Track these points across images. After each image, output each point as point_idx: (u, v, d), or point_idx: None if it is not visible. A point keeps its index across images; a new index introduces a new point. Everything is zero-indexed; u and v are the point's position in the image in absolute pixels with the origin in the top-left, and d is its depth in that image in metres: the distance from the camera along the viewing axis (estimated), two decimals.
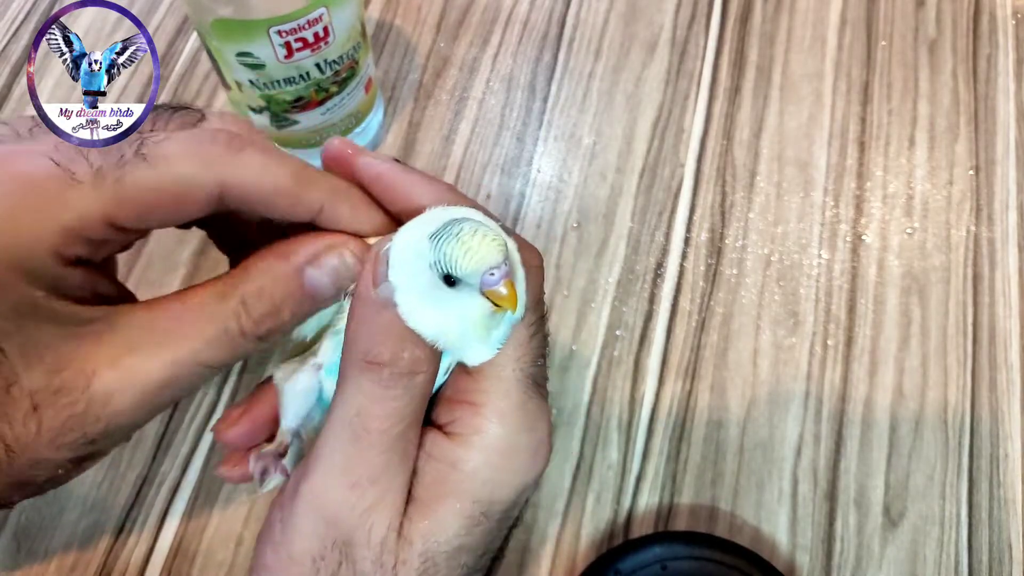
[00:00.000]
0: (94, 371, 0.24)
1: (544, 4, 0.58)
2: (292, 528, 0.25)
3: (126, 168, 0.24)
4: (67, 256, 0.24)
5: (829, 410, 0.45)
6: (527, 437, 0.26)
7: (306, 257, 0.26)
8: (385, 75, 0.55)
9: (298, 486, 0.25)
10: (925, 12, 0.58)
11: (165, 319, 0.25)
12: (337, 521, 0.24)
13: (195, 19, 0.41)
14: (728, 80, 0.55)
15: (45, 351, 0.23)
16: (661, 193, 0.51)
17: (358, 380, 0.24)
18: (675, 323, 0.47)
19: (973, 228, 0.50)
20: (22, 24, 0.57)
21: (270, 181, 0.25)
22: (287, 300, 0.25)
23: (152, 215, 0.25)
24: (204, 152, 0.25)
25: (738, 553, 0.40)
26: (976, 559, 0.42)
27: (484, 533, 0.26)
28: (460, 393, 0.26)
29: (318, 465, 0.25)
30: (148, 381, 0.24)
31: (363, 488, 0.24)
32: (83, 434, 0.24)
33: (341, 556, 0.24)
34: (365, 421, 0.24)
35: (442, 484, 0.25)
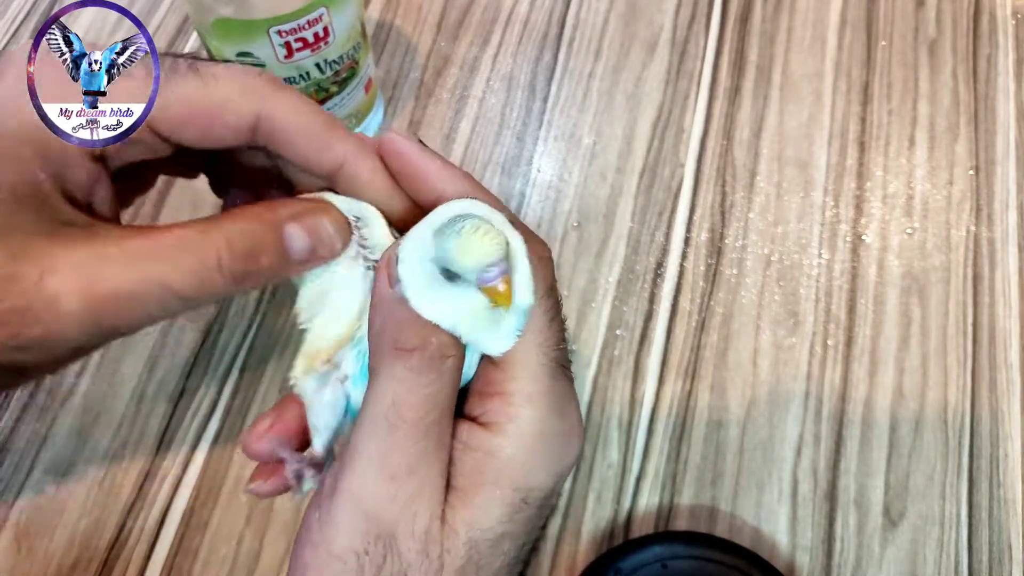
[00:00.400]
0: (53, 268, 0.23)
1: (544, 4, 0.58)
2: (332, 526, 0.24)
3: (176, 76, 0.25)
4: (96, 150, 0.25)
5: (829, 410, 0.45)
6: (559, 421, 0.26)
7: (289, 213, 0.26)
8: (385, 75, 0.55)
9: (336, 483, 0.25)
10: (925, 12, 0.58)
11: (143, 240, 0.25)
12: (379, 514, 0.24)
13: (195, 19, 0.41)
14: (728, 80, 0.55)
15: (16, 235, 0.23)
16: (661, 193, 0.51)
17: (390, 370, 0.24)
18: (675, 323, 0.47)
19: (973, 228, 0.50)
20: (22, 24, 0.57)
21: (304, 122, 0.26)
22: (267, 248, 0.26)
23: (188, 126, 0.25)
24: (250, 82, 0.26)
25: (738, 553, 0.40)
26: (976, 559, 0.42)
27: (525, 520, 0.26)
28: (489, 385, 0.26)
29: (355, 460, 0.25)
30: (104, 292, 0.24)
31: (402, 479, 0.24)
32: (16, 334, 0.23)
33: (385, 549, 0.24)
34: (400, 410, 0.24)
35: (481, 472, 0.25)
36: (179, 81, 0.25)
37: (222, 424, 0.44)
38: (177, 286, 0.25)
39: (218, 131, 0.26)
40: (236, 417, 0.44)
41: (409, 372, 0.24)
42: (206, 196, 0.50)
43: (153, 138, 0.26)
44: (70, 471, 0.43)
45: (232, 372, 0.46)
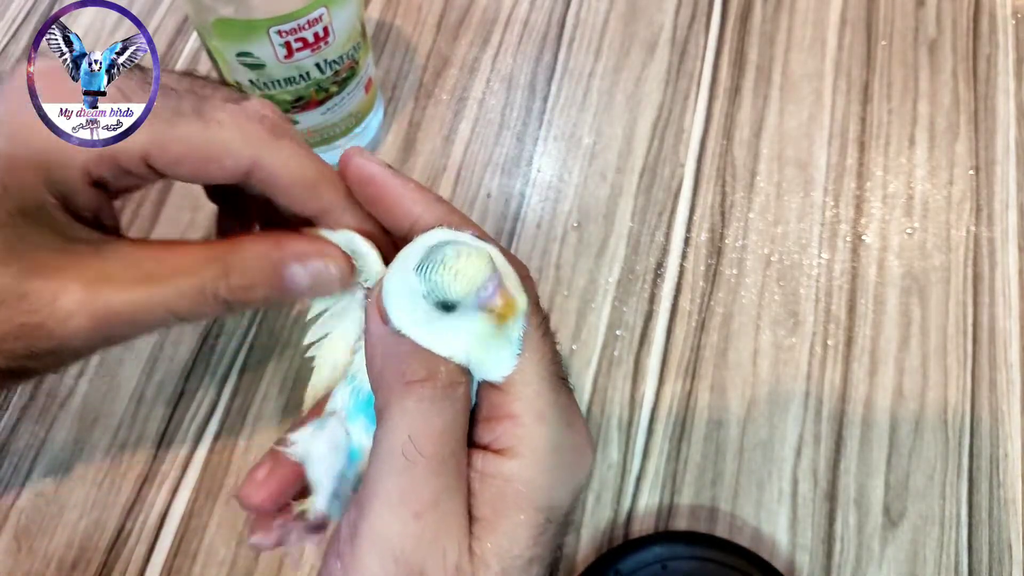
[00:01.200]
0: (64, 287, 0.25)
1: (544, 4, 0.58)
2: (357, 572, 0.23)
3: (179, 118, 0.26)
4: (93, 175, 0.26)
5: (829, 410, 0.45)
6: (570, 434, 0.26)
7: (295, 253, 0.27)
8: (385, 75, 0.55)
9: (356, 529, 0.24)
10: (925, 12, 0.58)
11: (149, 260, 0.27)
12: (407, 555, 0.23)
13: (195, 19, 0.41)
14: (728, 80, 0.55)
15: (28, 253, 0.25)
16: (661, 193, 0.51)
17: (401, 404, 0.24)
18: (675, 323, 0.47)
19: (973, 228, 0.50)
20: (22, 24, 0.57)
21: (297, 173, 0.27)
22: (264, 282, 0.27)
23: (183, 165, 0.26)
24: (251, 130, 0.27)
25: (738, 553, 0.40)
26: (976, 559, 0.42)
27: (549, 540, 0.25)
28: (495, 409, 0.25)
29: (374, 501, 0.24)
30: (111, 311, 0.26)
31: (426, 515, 0.23)
32: (28, 346, 0.25)
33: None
34: (417, 444, 0.24)
35: (503, 500, 0.25)
36: (181, 123, 0.26)
37: (221, 426, 0.44)
38: (176, 308, 0.26)
39: (213, 172, 0.27)
40: (236, 418, 0.44)
41: (421, 404, 0.24)
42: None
43: (148, 172, 0.27)
44: (70, 472, 0.43)
45: (231, 374, 0.46)
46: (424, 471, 0.24)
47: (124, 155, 0.26)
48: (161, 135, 0.26)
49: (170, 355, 0.46)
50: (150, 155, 0.26)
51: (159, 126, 0.26)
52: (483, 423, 0.26)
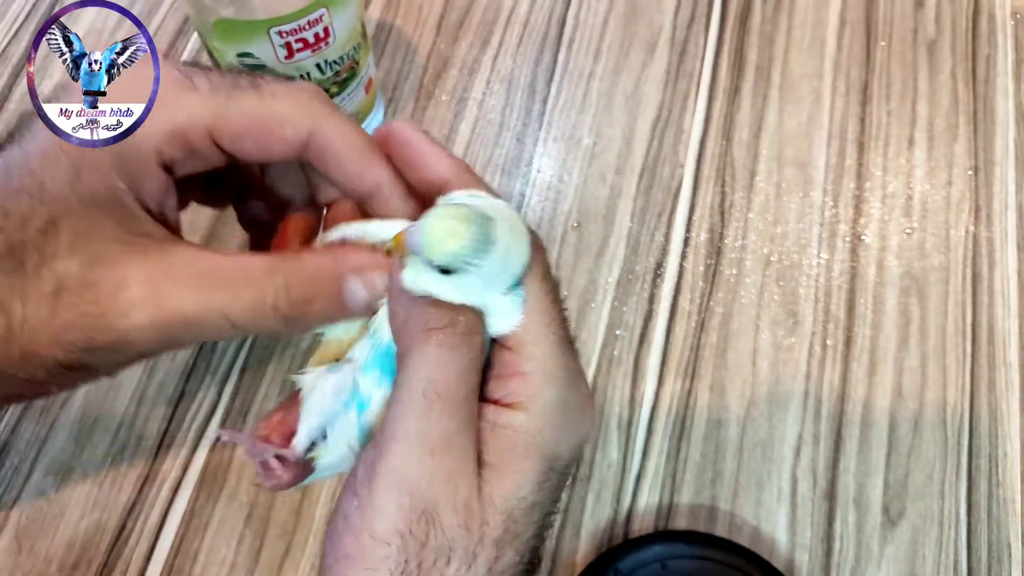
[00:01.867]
0: (128, 280, 0.25)
1: (544, 5, 0.58)
2: (374, 509, 0.25)
3: (238, 91, 0.27)
4: (164, 156, 0.27)
5: (828, 410, 0.45)
6: (575, 394, 0.28)
7: (353, 266, 0.27)
8: (385, 76, 0.55)
9: (373, 468, 0.25)
10: (924, 12, 0.58)
11: (212, 266, 0.27)
12: (421, 491, 0.25)
13: (196, 20, 0.41)
14: (727, 80, 0.55)
15: (93, 242, 0.25)
16: (661, 193, 0.51)
17: (423, 350, 0.25)
18: (675, 323, 0.47)
19: (972, 228, 0.50)
20: (22, 25, 0.57)
21: (351, 144, 0.28)
22: (322, 297, 0.27)
23: (246, 138, 0.27)
24: (305, 100, 0.28)
25: (738, 552, 0.40)
26: (975, 558, 0.42)
27: (551, 488, 0.27)
28: (507, 367, 0.27)
29: (393, 441, 0.25)
30: (172, 311, 0.26)
31: (441, 454, 0.25)
32: (88, 338, 0.25)
33: (428, 525, 0.25)
34: (436, 387, 0.25)
35: (511, 447, 0.26)
36: (240, 96, 0.27)
37: (222, 426, 0.44)
38: (235, 317, 0.27)
39: (274, 145, 0.27)
40: (236, 419, 0.44)
41: (441, 349, 0.25)
42: None
43: (213, 149, 0.27)
44: (71, 472, 0.43)
45: (232, 374, 0.46)
46: (440, 412, 0.25)
47: (192, 131, 0.26)
48: (224, 108, 0.26)
49: (171, 355, 0.46)
50: (215, 129, 0.27)
51: (220, 100, 0.26)
52: (495, 380, 0.27)
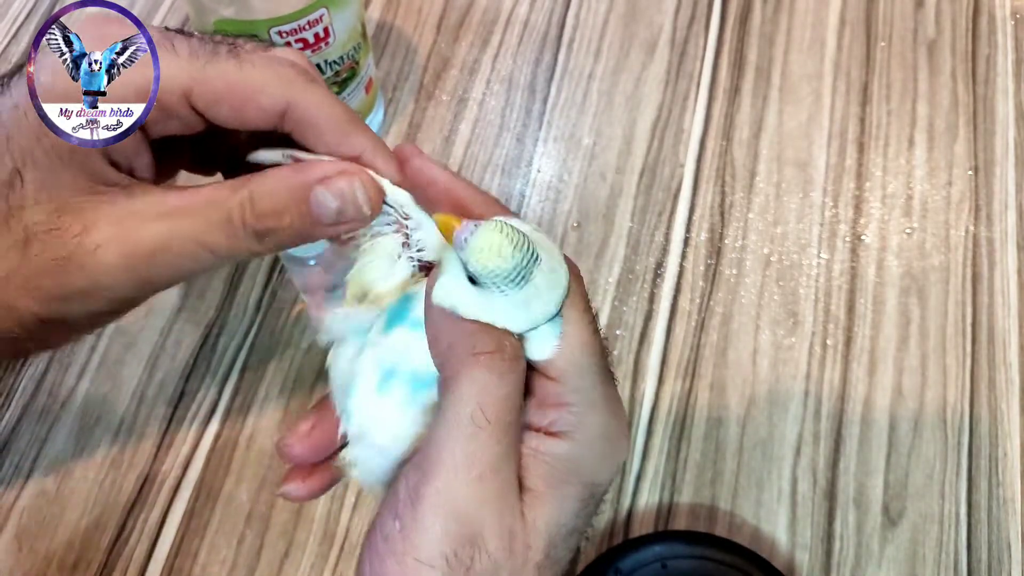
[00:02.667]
0: (94, 222, 0.26)
1: (544, 5, 0.58)
2: (419, 532, 0.25)
3: (217, 57, 0.27)
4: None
5: (828, 409, 0.45)
6: (615, 423, 0.28)
7: (318, 175, 0.27)
8: (386, 76, 0.55)
9: (418, 490, 0.25)
10: (924, 13, 0.58)
11: (176, 197, 0.27)
12: (468, 515, 0.25)
13: (196, 20, 0.41)
14: (727, 81, 0.55)
15: (60, 192, 0.26)
16: (661, 193, 0.51)
17: (471, 374, 0.25)
18: (675, 323, 0.47)
19: (972, 228, 0.50)
20: (23, 25, 0.57)
21: (329, 114, 0.28)
22: (291, 207, 0.27)
23: (223, 104, 0.27)
24: (284, 71, 0.28)
25: (738, 552, 0.40)
26: (975, 557, 0.42)
27: (588, 515, 0.28)
28: (550, 397, 0.27)
29: (440, 465, 0.25)
30: (140, 242, 0.26)
31: (488, 479, 0.25)
32: (60, 284, 0.26)
33: (473, 549, 0.25)
34: (486, 412, 0.25)
35: (553, 474, 0.26)
36: (219, 61, 0.27)
37: (222, 425, 0.44)
38: (206, 240, 0.26)
39: (251, 112, 0.27)
40: (236, 418, 0.44)
41: (490, 375, 0.25)
42: None
43: (189, 112, 0.27)
44: (71, 472, 0.43)
45: (232, 373, 0.46)
46: (488, 437, 0.25)
47: (167, 93, 0.26)
48: (201, 72, 0.26)
49: (171, 355, 0.46)
50: (191, 92, 0.26)
51: (199, 64, 0.26)
52: (537, 408, 0.27)
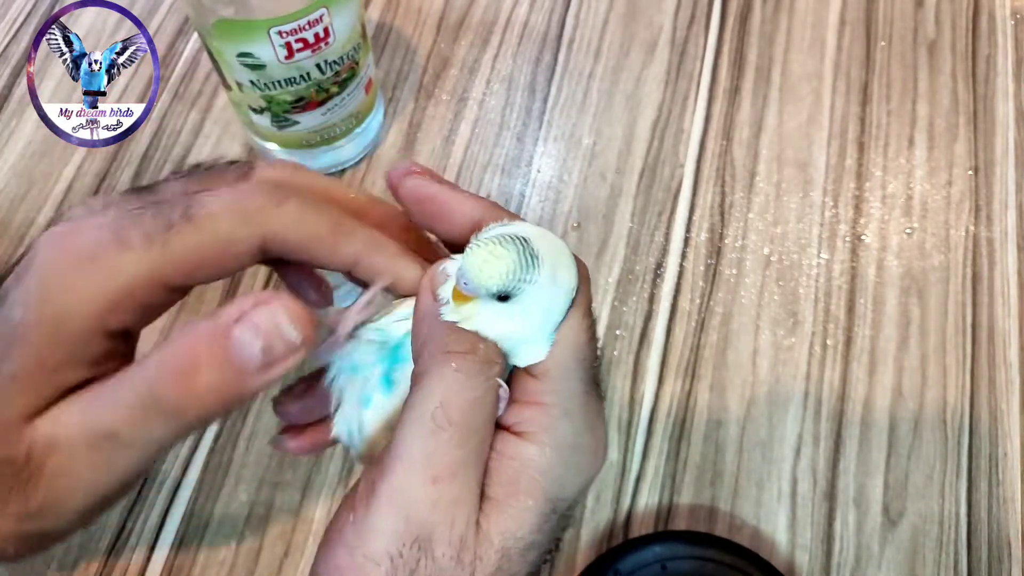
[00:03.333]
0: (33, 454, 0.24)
1: (544, 5, 0.58)
2: (369, 528, 0.24)
3: (172, 231, 0.25)
4: (111, 324, 0.25)
5: (828, 410, 0.45)
6: (590, 436, 0.27)
7: (232, 314, 0.24)
8: (385, 76, 0.55)
9: (374, 486, 0.25)
10: (924, 12, 0.58)
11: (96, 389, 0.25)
12: (418, 517, 0.24)
13: (196, 20, 0.41)
14: (727, 80, 0.55)
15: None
16: (661, 193, 0.51)
17: (440, 371, 0.25)
18: (674, 323, 0.47)
19: (972, 228, 0.50)
20: (23, 25, 0.57)
21: (308, 232, 0.26)
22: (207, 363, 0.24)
23: (199, 272, 0.26)
24: (246, 207, 0.26)
25: (738, 552, 0.40)
26: (975, 557, 0.42)
27: (550, 530, 0.26)
28: (527, 395, 0.26)
29: (397, 462, 0.25)
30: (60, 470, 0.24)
31: (444, 482, 0.24)
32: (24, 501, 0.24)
33: (420, 553, 0.24)
34: (448, 412, 0.25)
35: (516, 482, 0.26)
36: (177, 235, 0.25)
37: (222, 426, 0.44)
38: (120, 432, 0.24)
39: (229, 264, 0.26)
40: (236, 417, 0.44)
41: (458, 375, 0.25)
42: None
43: (167, 293, 0.26)
44: None
45: None
46: (449, 439, 0.24)
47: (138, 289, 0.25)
48: (161, 256, 0.25)
49: None
50: (163, 277, 0.25)
51: (157, 249, 0.25)
52: (512, 405, 0.27)
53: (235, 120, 0.52)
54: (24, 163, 0.51)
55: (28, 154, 0.52)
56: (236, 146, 0.52)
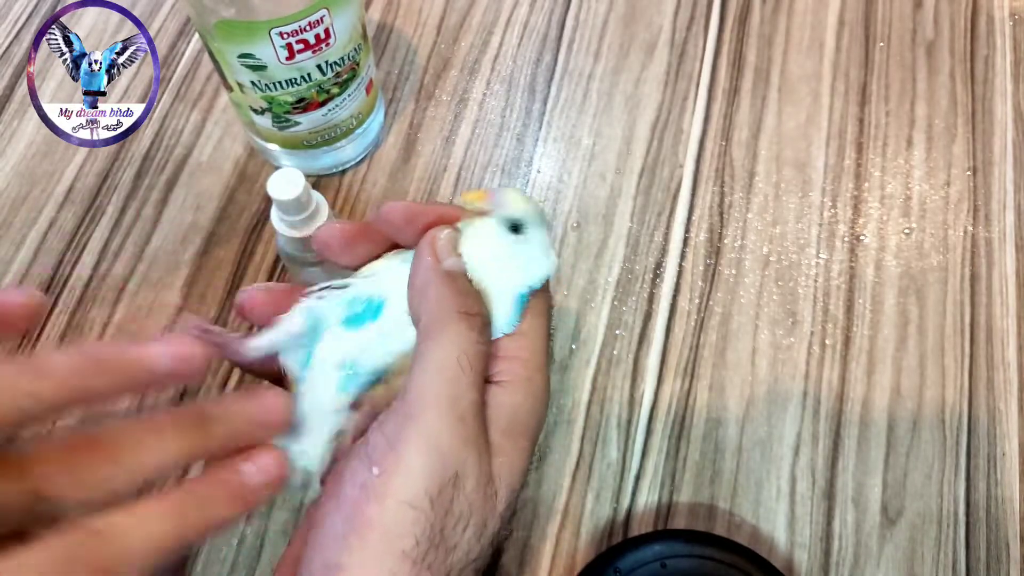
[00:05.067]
0: None
1: (544, 6, 0.58)
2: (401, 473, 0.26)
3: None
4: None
5: (827, 409, 0.45)
6: (548, 391, 0.30)
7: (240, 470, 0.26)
8: (386, 76, 0.55)
9: (400, 433, 0.26)
10: (923, 13, 0.58)
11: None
12: (451, 454, 0.26)
13: (197, 21, 0.41)
14: (727, 81, 0.55)
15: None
16: (660, 193, 0.51)
17: (457, 328, 0.28)
18: (674, 323, 0.48)
19: (970, 228, 0.51)
20: (24, 25, 0.57)
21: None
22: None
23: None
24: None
25: (737, 551, 0.40)
26: (974, 557, 0.42)
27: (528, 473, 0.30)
28: (505, 351, 0.29)
29: (423, 407, 0.26)
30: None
31: (470, 421, 0.27)
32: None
33: (455, 489, 0.26)
34: (468, 357, 0.27)
35: (510, 428, 0.28)
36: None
37: None
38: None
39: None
40: None
41: (472, 332, 0.28)
42: (213, 193, 0.50)
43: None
44: None
45: (233, 372, 0.46)
46: (468, 383, 0.27)
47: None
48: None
49: None
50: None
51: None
52: (492, 360, 0.29)
53: (236, 121, 0.53)
54: (26, 163, 0.51)
55: (30, 154, 0.52)
56: (238, 146, 0.52)
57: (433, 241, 0.29)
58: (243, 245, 0.49)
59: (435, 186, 0.51)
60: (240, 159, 0.52)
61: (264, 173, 0.51)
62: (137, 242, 0.49)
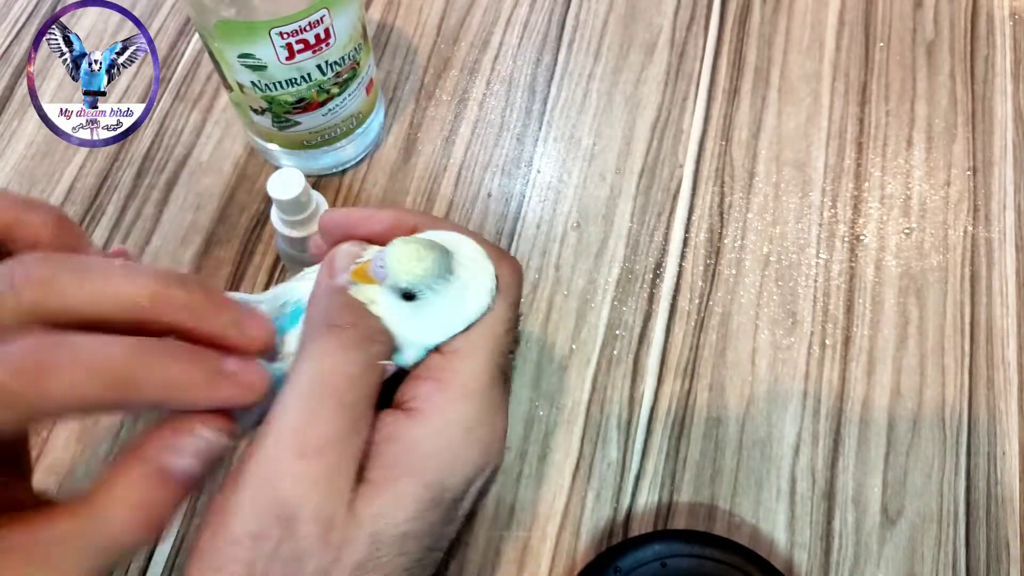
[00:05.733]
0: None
1: (544, 6, 0.58)
2: (233, 507, 0.23)
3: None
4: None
5: (827, 409, 0.45)
6: (488, 428, 0.26)
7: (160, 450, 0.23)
8: (386, 76, 0.55)
9: (243, 459, 0.24)
10: (923, 13, 0.58)
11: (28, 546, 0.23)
12: (282, 493, 0.23)
13: (197, 21, 0.41)
14: (727, 81, 0.55)
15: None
16: (660, 194, 0.51)
17: (320, 343, 0.24)
18: (674, 323, 0.48)
19: (970, 228, 0.51)
20: (25, 25, 0.57)
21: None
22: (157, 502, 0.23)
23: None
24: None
25: (737, 551, 0.40)
26: (974, 556, 0.42)
27: (432, 522, 0.25)
28: (427, 370, 0.26)
29: (267, 436, 0.24)
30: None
31: (311, 458, 0.23)
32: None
33: (282, 532, 0.23)
34: (324, 384, 0.24)
35: (396, 466, 0.25)
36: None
37: None
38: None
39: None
40: None
41: (338, 347, 0.24)
42: (213, 193, 0.50)
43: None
44: (72, 473, 0.43)
45: None
46: (321, 414, 0.24)
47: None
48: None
49: None
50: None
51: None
52: (410, 379, 0.26)
53: (236, 121, 0.53)
54: (26, 163, 0.51)
55: (30, 154, 0.52)
56: (238, 146, 0.52)
57: (332, 256, 0.27)
58: (243, 245, 0.49)
59: (435, 186, 0.51)
60: (240, 159, 0.52)
61: (264, 173, 0.51)
62: (137, 242, 0.49)
